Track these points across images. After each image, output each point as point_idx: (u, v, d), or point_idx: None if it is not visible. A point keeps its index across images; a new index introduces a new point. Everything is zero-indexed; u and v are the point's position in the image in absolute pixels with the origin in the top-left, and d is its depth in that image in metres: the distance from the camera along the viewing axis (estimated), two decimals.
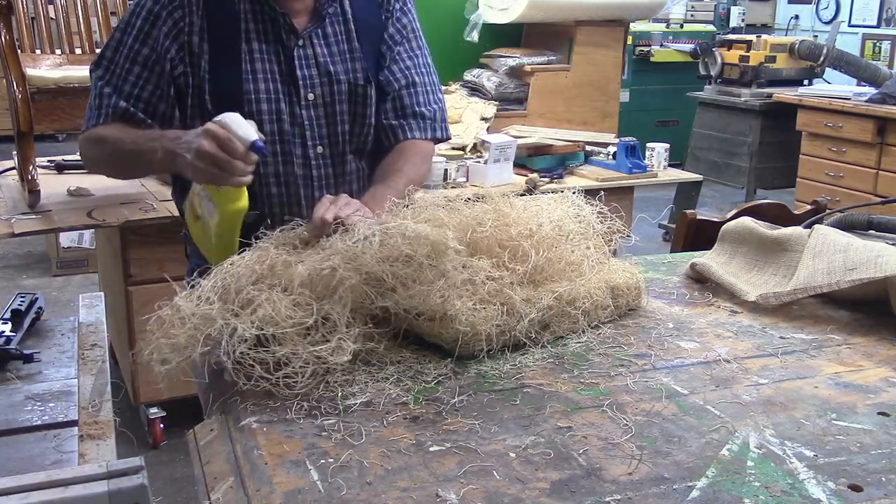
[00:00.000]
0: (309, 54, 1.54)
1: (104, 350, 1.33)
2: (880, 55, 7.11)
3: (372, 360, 1.15)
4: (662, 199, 5.30)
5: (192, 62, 1.50)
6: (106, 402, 1.14)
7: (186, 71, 1.50)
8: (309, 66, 1.54)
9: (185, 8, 1.49)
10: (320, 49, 1.55)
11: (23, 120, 2.72)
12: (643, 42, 7.00)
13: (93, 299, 1.51)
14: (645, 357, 1.21)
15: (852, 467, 0.93)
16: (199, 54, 1.50)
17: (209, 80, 1.50)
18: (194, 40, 1.50)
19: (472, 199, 1.36)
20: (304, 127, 1.54)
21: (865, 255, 1.35)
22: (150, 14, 1.50)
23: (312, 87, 1.54)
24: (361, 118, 1.59)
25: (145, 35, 1.50)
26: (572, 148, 3.55)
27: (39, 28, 3.15)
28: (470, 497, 0.86)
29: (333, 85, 1.55)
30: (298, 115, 1.54)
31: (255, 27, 1.52)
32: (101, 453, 1.02)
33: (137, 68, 1.50)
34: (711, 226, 1.90)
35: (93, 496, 0.83)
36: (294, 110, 1.53)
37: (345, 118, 1.57)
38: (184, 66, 1.50)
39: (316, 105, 1.55)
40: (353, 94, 1.57)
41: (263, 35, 1.52)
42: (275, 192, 1.55)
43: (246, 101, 1.50)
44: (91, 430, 1.07)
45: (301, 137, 1.54)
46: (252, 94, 1.51)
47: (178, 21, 1.49)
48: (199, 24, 1.50)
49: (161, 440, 2.98)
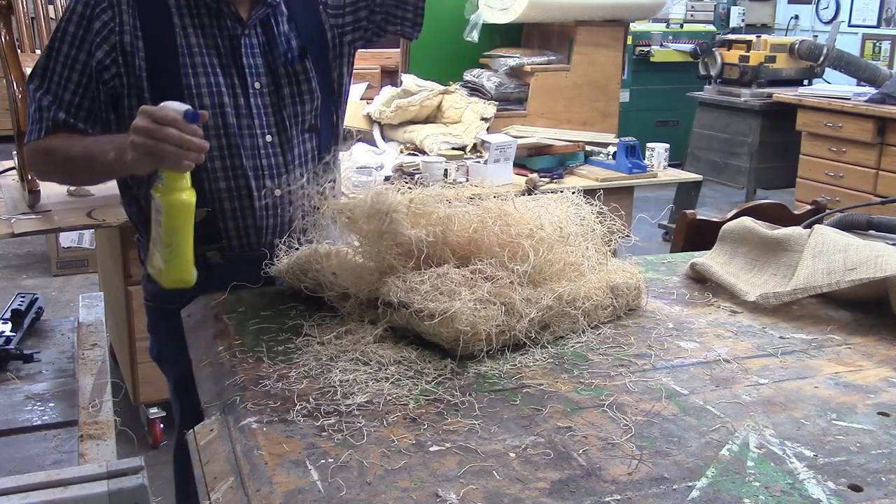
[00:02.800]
0: (254, 42, 1.53)
1: (104, 350, 1.33)
2: (880, 55, 7.11)
3: (372, 360, 1.16)
4: (662, 199, 5.30)
5: (126, 62, 1.47)
6: (106, 402, 1.15)
7: (120, 72, 1.47)
8: (254, 55, 1.53)
9: (114, 8, 1.46)
10: (261, 37, 1.54)
11: (23, 120, 2.71)
12: (643, 42, 7.00)
13: (93, 299, 1.52)
14: (645, 357, 1.21)
15: (852, 467, 0.93)
16: (134, 52, 1.47)
17: (147, 77, 1.47)
18: (126, 39, 1.46)
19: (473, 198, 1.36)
20: (252, 117, 1.53)
21: (865, 255, 1.35)
22: (81, 18, 1.47)
23: (259, 76, 1.53)
24: (309, 95, 1.58)
25: (80, 41, 1.47)
26: (572, 148, 3.55)
27: (39, 28, 3.15)
28: (470, 497, 0.86)
29: (277, 69, 1.54)
30: (244, 106, 1.52)
31: (192, 21, 1.49)
32: (101, 453, 1.02)
33: (76, 75, 1.47)
34: (711, 226, 1.90)
35: (93, 496, 0.83)
36: (239, 101, 1.52)
37: (289, 101, 1.56)
38: (116, 67, 1.47)
39: (263, 93, 1.54)
40: (291, 75, 1.56)
41: (201, 28, 1.50)
42: (223, 186, 1.52)
43: (187, 95, 1.47)
44: (91, 430, 1.07)
45: (249, 128, 1.53)
46: (193, 89, 1.48)
47: (108, 22, 1.46)
48: (129, 23, 1.47)
49: (161, 440, 2.98)
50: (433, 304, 1.16)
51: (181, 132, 1.26)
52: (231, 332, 1.28)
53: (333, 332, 1.23)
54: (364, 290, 1.27)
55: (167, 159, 1.27)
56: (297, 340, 1.23)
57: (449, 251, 1.25)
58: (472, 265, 1.23)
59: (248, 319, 1.32)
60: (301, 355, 1.18)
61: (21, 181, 2.94)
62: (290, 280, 1.38)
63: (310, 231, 1.34)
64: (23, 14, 3.05)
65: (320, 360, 1.16)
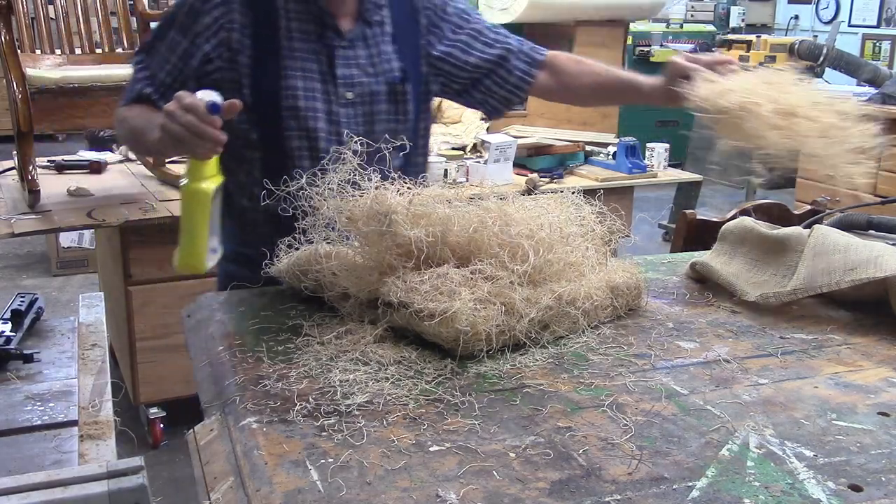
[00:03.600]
0: (350, 55, 1.59)
1: (104, 350, 1.33)
2: (880, 55, 7.11)
3: (372, 360, 1.16)
4: (662, 199, 5.30)
5: (231, 58, 1.54)
6: (106, 402, 1.14)
7: (224, 66, 1.54)
8: (349, 66, 1.58)
9: (227, 4, 1.54)
10: (362, 51, 1.60)
11: (23, 120, 2.72)
12: (643, 42, 7.00)
13: (93, 299, 1.51)
14: (645, 357, 1.21)
15: (852, 467, 0.93)
16: (240, 49, 1.54)
17: (249, 75, 1.54)
18: (234, 36, 1.54)
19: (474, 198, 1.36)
20: (340, 125, 1.58)
21: (865, 255, 1.35)
22: (192, 9, 1.55)
23: (351, 87, 1.58)
24: (403, 115, 1.64)
25: (186, 29, 1.55)
26: (572, 148, 3.55)
27: (39, 28, 3.15)
28: (470, 497, 0.86)
29: (372, 85, 1.60)
30: (335, 114, 1.58)
31: (298, 25, 1.56)
32: (101, 453, 1.02)
33: (174, 58, 1.55)
34: (711, 226, 1.90)
35: (93, 496, 0.83)
36: (331, 108, 1.57)
37: (382, 117, 1.62)
38: (221, 62, 1.54)
39: (354, 103, 1.59)
40: (391, 94, 1.61)
41: (304, 34, 1.56)
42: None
43: (284, 96, 1.54)
44: (91, 430, 1.07)
45: (337, 135, 1.57)
46: (291, 91, 1.54)
47: (219, 18, 1.53)
48: (239, 21, 1.54)
49: (161, 440, 2.98)
50: (433, 304, 1.16)
51: (200, 121, 1.29)
52: (231, 332, 1.28)
53: (333, 332, 1.23)
54: (364, 290, 1.27)
55: (185, 145, 1.31)
56: (297, 340, 1.23)
57: (449, 251, 1.25)
58: (472, 265, 1.23)
59: (248, 319, 1.32)
60: (301, 355, 1.18)
61: (21, 181, 2.94)
62: (290, 280, 1.38)
63: (310, 231, 1.34)
64: (23, 14, 3.05)
65: (320, 360, 1.16)
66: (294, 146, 1.56)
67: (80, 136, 5.85)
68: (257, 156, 1.59)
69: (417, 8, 1.67)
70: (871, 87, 5.05)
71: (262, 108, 1.55)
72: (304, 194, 1.30)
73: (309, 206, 1.30)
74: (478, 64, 1.70)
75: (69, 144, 6.51)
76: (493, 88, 1.73)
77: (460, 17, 1.71)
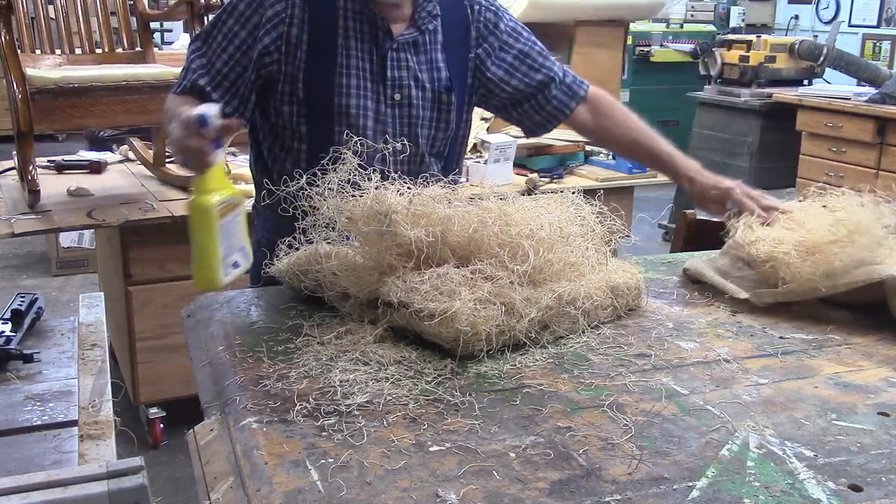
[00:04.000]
0: (401, 58, 1.62)
1: (104, 350, 1.33)
2: (880, 55, 7.11)
3: (372, 360, 1.16)
4: (662, 199, 5.30)
5: (289, 52, 1.58)
6: (106, 402, 1.14)
7: (281, 59, 1.58)
8: (399, 69, 1.62)
9: (287, 0, 1.57)
10: (411, 56, 1.63)
11: (23, 120, 2.71)
12: (643, 42, 7.00)
13: (93, 299, 1.51)
14: (645, 357, 1.21)
15: (852, 467, 0.93)
16: (297, 45, 1.58)
17: (304, 69, 1.58)
18: (293, 31, 1.57)
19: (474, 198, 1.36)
20: (386, 125, 1.62)
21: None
22: (252, 1, 1.58)
23: (400, 89, 1.62)
24: (444, 124, 1.68)
25: (246, 20, 1.58)
26: (572, 148, 3.55)
27: (39, 28, 3.15)
28: (470, 497, 0.86)
29: (419, 90, 1.63)
30: (383, 113, 1.61)
31: (354, 25, 1.60)
32: (101, 453, 1.02)
33: (231, 48, 1.58)
34: (711, 226, 1.90)
35: (93, 496, 0.83)
36: (380, 108, 1.61)
37: (426, 123, 1.66)
38: (279, 55, 1.58)
39: (401, 105, 1.63)
40: (435, 101, 1.66)
41: (360, 34, 1.60)
42: None
43: (336, 93, 1.58)
44: (91, 430, 1.07)
45: (382, 134, 1.60)
46: (343, 88, 1.59)
47: (280, 12, 1.57)
48: (299, 17, 1.58)
49: (161, 440, 2.98)
50: (433, 304, 1.16)
51: (189, 135, 1.31)
52: (231, 332, 1.28)
53: (333, 332, 1.23)
54: (364, 290, 1.27)
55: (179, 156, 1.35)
56: (297, 340, 1.23)
57: (449, 251, 1.25)
58: (472, 265, 1.23)
59: (248, 319, 1.32)
60: (301, 355, 1.18)
61: (21, 181, 2.94)
62: (290, 280, 1.38)
63: (310, 231, 1.34)
64: (23, 14, 3.05)
65: (320, 360, 1.16)
66: (341, 141, 1.56)
67: (80, 136, 5.86)
68: (304, 147, 1.63)
69: (470, 20, 1.70)
70: (871, 87, 5.05)
71: (313, 102, 1.59)
72: (305, 194, 1.30)
73: (309, 206, 1.30)
74: (519, 87, 1.74)
75: (69, 144, 6.52)
76: (529, 112, 1.77)
77: (510, 34, 1.74)
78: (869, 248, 1.34)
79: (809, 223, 1.44)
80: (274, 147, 1.68)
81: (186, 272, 1.33)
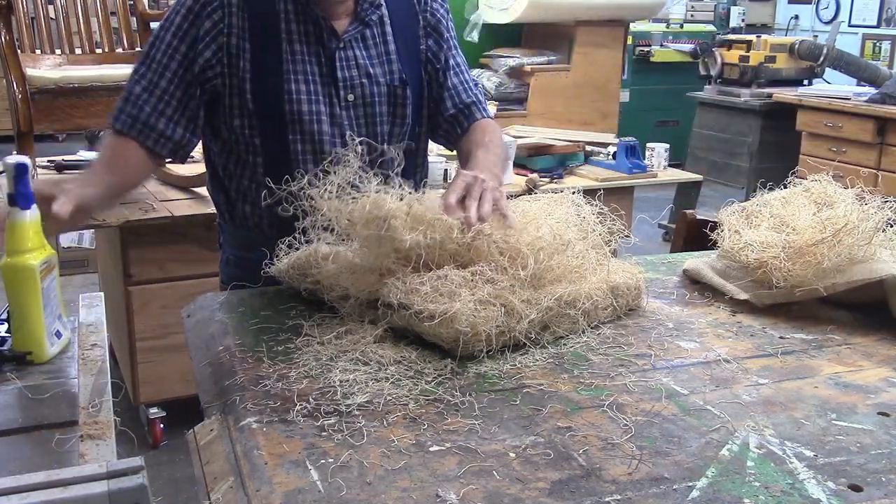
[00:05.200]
0: (350, 56, 1.56)
1: (104, 350, 1.32)
2: (880, 55, 7.11)
3: (372, 360, 1.16)
4: (662, 199, 5.29)
5: (231, 63, 1.51)
6: (106, 402, 1.14)
7: (224, 72, 1.51)
8: (349, 68, 1.56)
9: (224, 8, 1.51)
10: (360, 52, 1.57)
11: (23, 120, 2.72)
12: (643, 42, 7.00)
13: (93, 299, 1.51)
14: (645, 357, 1.21)
15: (852, 467, 0.93)
16: (239, 55, 1.51)
17: (250, 79, 1.51)
18: (233, 41, 1.51)
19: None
20: (342, 127, 1.56)
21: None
22: (189, 12, 1.51)
23: (352, 88, 1.56)
24: (401, 119, 1.62)
25: (183, 33, 1.51)
26: (572, 148, 3.55)
27: (39, 28, 3.15)
28: (470, 497, 0.86)
29: (373, 86, 1.58)
30: (338, 116, 1.56)
31: (297, 28, 1.53)
32: (101, 453, 1.02)
33: (174, 64, 1.51)
34: (711, 226, 1.89)
35: (93, 496, 0.83)
36: (334, 111, 1.55)
37: (384, 119, 1.60)
38: (221, 67, 1.51)
39: (356, 105, 1.57)
40: (391, 96, 1.60)
41: (304, 36, 1.54)
42: None
43: (287, 100, 1.52)
44: (91, 430, 1.07)
45: (340, 137, 1.55)
46: (293, 94, 1.52)
47: (218, 22, 1.50)
48: (238, 25, 1.51)
49: (161, 440, 2.98)
50: (433, 305, 1.16)
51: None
52: (231, 332, 1.28)
53: (333, 332, 1.23)
54: (364, 290, 1.27)
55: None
56: (297, 340, 1.23)
57: (448, 258, 1.25)
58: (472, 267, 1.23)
59: (248, 319, 1.32)
60: (301, 355, 1.18)
61: None
62: (290, 280, 1.38)
63: (310, 231, 1.34)
64: (23, 14, 3.05)
65: (320, 360, 1.16)
66: (297, 150, 1.54)
67: (80, 136, 5.86)
68: (260, 160, 1.56)
69: (417, 10, 1.65)
70: (871, 87, 5.05)
71: (264, 113, 1.52)
72: (305, 195, 1.30)
73: (309, 206, 1.30)
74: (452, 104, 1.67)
75: (69, 144, 6.51)
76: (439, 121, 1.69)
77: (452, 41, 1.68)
78: (856, 247, 1.34)
79: (794, 222, 1.43)
80: (228, 164, 1.60)
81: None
